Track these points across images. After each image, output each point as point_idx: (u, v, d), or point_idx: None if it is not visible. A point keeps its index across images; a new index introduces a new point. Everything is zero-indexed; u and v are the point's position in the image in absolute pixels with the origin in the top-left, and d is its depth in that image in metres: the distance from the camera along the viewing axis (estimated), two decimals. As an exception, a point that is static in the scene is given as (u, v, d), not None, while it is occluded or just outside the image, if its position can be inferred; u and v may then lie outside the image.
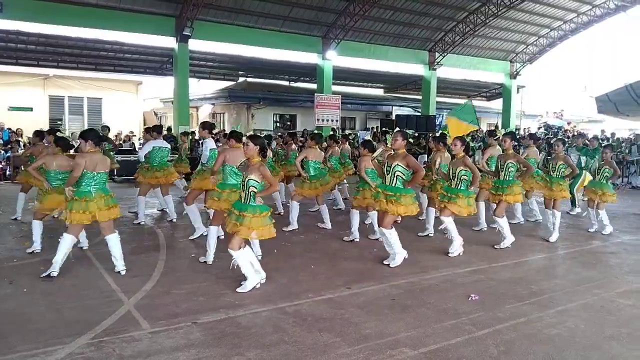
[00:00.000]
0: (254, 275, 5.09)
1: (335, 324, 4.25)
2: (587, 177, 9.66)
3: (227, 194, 5.83)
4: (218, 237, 6.19)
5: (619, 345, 4.03)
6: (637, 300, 5.12)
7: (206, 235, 6.35)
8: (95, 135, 5.60)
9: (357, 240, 7.30)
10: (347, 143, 12.69)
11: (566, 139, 10.03)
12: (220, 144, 9.45)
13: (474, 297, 4.98)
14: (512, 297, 5.07)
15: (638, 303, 5.02)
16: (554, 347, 3.94)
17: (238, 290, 4.99)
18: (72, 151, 7.58)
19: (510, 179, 7.14)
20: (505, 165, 7.19)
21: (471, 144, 8.91)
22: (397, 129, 6.59)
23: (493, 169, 7.83)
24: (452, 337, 4.03)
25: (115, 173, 12.90)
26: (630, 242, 7.94)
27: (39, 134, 8.27)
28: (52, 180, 6.17)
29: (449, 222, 6.59)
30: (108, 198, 5.50)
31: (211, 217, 6.29)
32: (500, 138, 7.90)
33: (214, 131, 8.70)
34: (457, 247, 6.63)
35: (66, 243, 5.35)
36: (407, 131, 6.77)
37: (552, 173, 7.98)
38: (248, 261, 5.08)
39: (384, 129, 22.34)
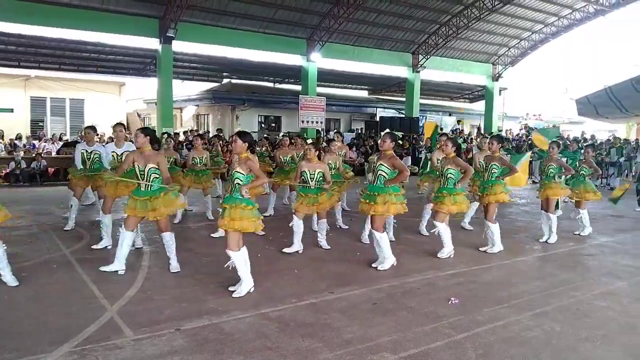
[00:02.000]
0: (249, 278, 5.13)
1: (317, 329, 4.31)
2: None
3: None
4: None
5: (594, 347, 4.14)
6: (612, 302, 5.25)
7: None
8: None
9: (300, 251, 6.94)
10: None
11: (560, 142, 10.11)
12: (191, 147, 9.33)
13: (454, 300, 5.07)
14: (492, 300, 5.17)
15: (613, 305, 5.16)
16: (531, 349, 4.04)
17: (234, 295, 5.02)
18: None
19: (493, 179, 7.25)
20: (489, 167, 7.30)
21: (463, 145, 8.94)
22: (387, 130, 6.66)
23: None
24: (432, 341, 4.10)
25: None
26: (607, 243, 8.11)
27: None
28: None
29: (442, 228, 6.69)
30: None
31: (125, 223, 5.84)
32: (488, 140, 8.00)
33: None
34: (447, 253, 6.75)
35: None
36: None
37: (542, 176, 8.12)
38: (245, 263, 5.12)
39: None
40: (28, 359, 3.64)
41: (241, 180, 5.09)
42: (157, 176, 5.63)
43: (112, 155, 7.11)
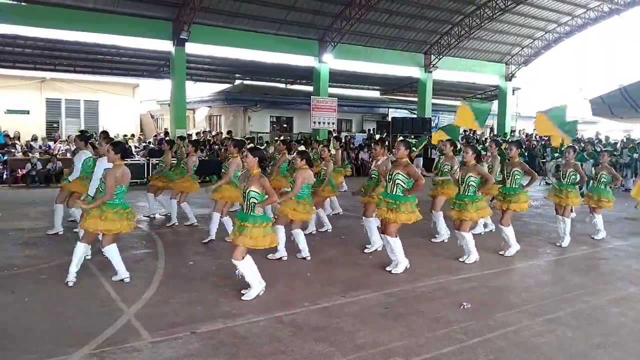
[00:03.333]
0: (258, 283, 5.23)
1: (329, 333, 4.37)
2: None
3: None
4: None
5: (606, 353, 4.15)
6: (626, 307, 5.24)
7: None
8: None
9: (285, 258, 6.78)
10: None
11: (577, 147, 9.95)
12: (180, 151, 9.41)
13: (465, 305, 5.09)
14: (503, 305, 5.19)
15: (626, 311, 5.15)
16: (542, 355, 4.06)
17: (243, 298, 5.11)
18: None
19: (516, 187, 7.20)
20: (511, 173, 7.23)
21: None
22: (400, 138, 6.67)
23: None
24: (444, 347, 4.14)
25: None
26: (621, 247, 8.06)
27: None
28: None
29: (469, 238, 6.73)
30: None
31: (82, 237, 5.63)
32: (507, 146, 7.94)
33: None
34: (473, 260, 6.78)
35: None
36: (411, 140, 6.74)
37: (562, 180, 8.09)
38: (252, 270, 5.21)
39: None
40: (49, 361, 3.75)
41: (256, 200, 5.18)
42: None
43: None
